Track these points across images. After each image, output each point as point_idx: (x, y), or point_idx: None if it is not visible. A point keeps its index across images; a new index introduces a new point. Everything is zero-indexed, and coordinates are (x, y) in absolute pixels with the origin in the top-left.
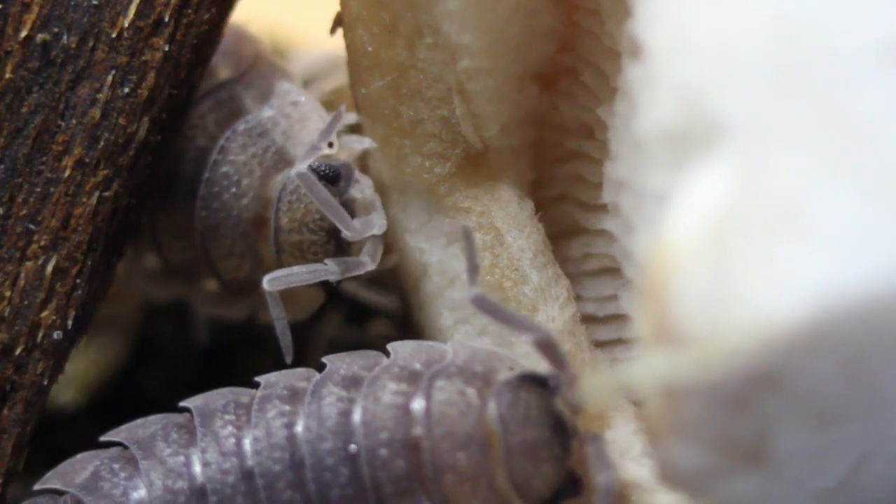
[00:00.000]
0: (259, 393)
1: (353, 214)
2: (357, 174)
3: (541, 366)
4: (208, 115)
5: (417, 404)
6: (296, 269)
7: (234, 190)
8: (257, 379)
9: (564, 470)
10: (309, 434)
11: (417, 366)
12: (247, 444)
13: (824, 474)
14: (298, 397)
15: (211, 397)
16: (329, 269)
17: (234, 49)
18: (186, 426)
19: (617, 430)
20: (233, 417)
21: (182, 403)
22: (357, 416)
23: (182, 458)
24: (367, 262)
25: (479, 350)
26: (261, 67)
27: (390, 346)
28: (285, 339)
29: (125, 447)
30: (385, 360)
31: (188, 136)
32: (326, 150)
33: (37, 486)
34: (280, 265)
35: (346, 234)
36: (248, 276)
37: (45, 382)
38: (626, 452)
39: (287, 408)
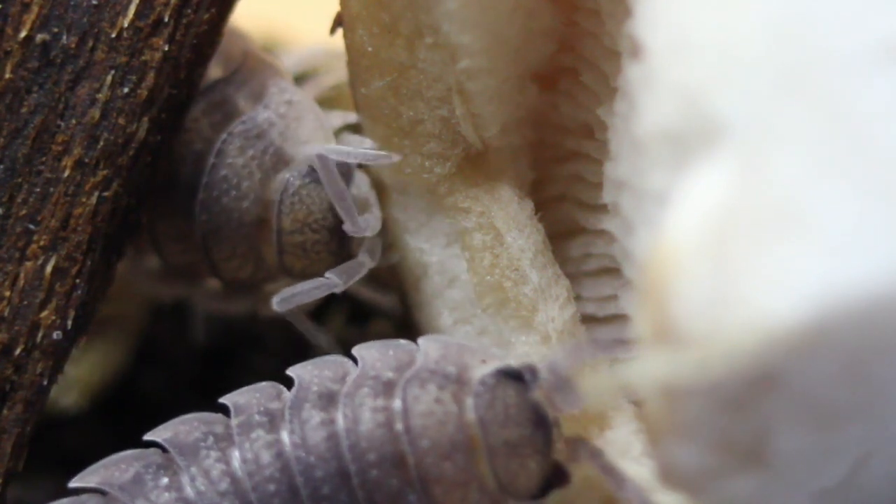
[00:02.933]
0: (235, 421)
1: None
2: (356, 172)
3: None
4: (202, 118)
5: (398, 421)
6: (300, 286)
7: (234, 193)
8: (224, 402)
9: (550, 462)
10: (300, 465)
11: (389, 374)
12: (242, 481)
13: (824, 474)
14: (277, 422)
15: (180, 430)
16: (332, 283)
17: (223, 46)
18: (168, 465)
19: (617, 430)
20: (218, 453)
21: (147, 437)
22: (342, 440)
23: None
24: (367, 262)
25: (448, 345)
26: (250, 64)
27: (356, 352)
28: (325, 342)
29: (103, 492)
30: (353, 369)
31: (182, 140)
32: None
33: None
34: (282, 266)
35: (349, 228)
36: (251, 277)
37: (45, 382)
38: (626, 452)
39: (270, 437)
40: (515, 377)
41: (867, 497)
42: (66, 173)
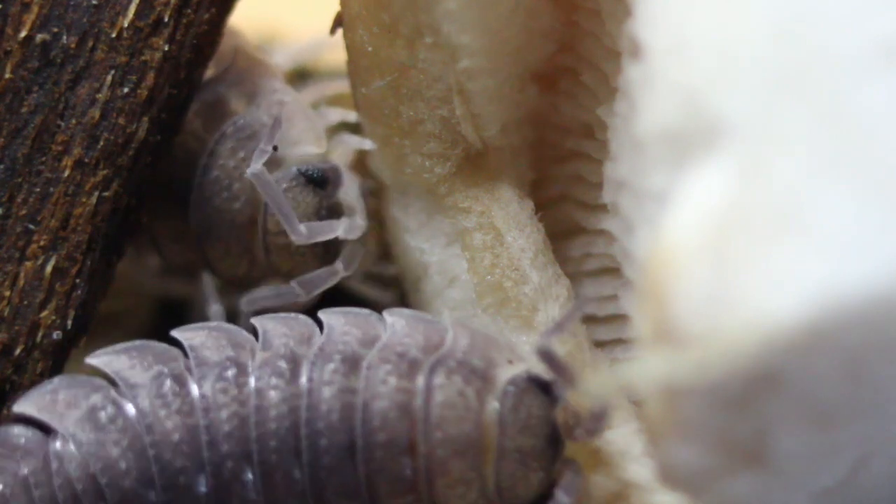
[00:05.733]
0: (259, 357)
1: (339, 216)
2: (345, 177)
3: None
4: (195, 118)
5: (416, 406)
6: (264, 290)
7: (225, 195)
8: (255, 324)
9: (549, 481)
10: (308, 429)
11: (415, 352)
12: (248, 428)
13: (824, 474)
14: (298, 374)
15: (208, 344)
16: (295, 292)
17: None
18: (183, 382)
19: (617, 430)
20: (235, 391)
21: (175, 334)
22: (357, 415)
23: (187, 435)
24: (341, 270)
25: (477, 336)
26: (241, 62)
27: (387, 316)
28: None
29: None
30: (382, 336)
31: (176, 141)
32: (316, 150)
33: (17, 408)
34: (269, 265)
35: (292, 237)
36: (246, 275)
37: None
38: (626, 452)
39: (290, 391)
40: (545, 389)
41: (867, 497)
42: (66, 173)
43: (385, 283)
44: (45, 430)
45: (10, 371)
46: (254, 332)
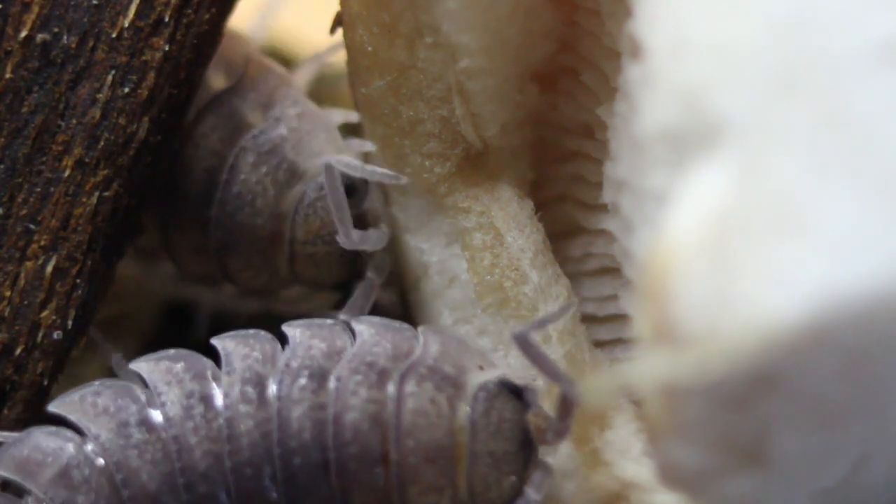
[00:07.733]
0: (224, 383)
1: (366, 225)
2: (371, 187)
3: (517, 374)
4: (211, 133)
5: (388, 415)
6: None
7: (247, 210)
8: (216, 344)
9: (522, 485)
10: (281, 450)
11: (384, 361)
12: (223, 461)
13: (824, 474)
14: (266, 396)
15: (168, 379)
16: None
17: (224, 52)
18: (150, 425)
19: (617, 430)
20: (205, 430)
21: (134, 366)
22: (328, 429)
23: (164, 484)
24: (376, 279)
25: (448, 342)
26: (254, 71)
27: (355, 324)
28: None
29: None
30: (348, 346)
31: (193, 155)
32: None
33: None
34: (293, 274)
35: (342, 240)
36: (266, 285)
37: (45, 382)
38: (626, 452)
39: (260, 416)
40: (516, 394)
41: (867, 497)
42: (67, 173)
43: (385, 282)
44: (18, 491)
45: (10, 371)
46: (213, 351)
